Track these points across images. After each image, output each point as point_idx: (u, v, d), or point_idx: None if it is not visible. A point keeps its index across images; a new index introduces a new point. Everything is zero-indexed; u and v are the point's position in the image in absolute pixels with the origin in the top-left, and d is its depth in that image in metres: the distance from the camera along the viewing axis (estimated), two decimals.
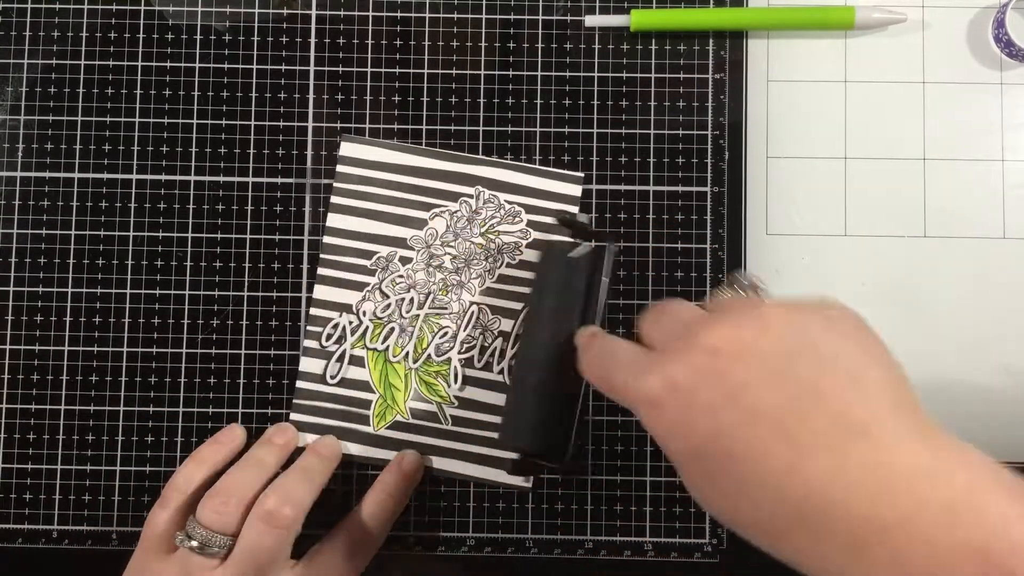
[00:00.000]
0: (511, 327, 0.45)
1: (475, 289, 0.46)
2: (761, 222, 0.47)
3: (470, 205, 0.46)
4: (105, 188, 0.47)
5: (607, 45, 0.47)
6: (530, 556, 0.46)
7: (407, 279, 0.46)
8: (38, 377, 0.46)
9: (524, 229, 0.46)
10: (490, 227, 0.46)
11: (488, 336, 0.45)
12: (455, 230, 0.46)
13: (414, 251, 0.46)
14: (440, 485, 0.46)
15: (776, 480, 0.27)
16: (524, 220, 0.46)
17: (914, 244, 0.47)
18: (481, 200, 0.46)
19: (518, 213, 0.46)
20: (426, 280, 0.46)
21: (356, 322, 0.45)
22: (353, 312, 0.45)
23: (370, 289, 0.46)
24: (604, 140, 0.47)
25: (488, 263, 0.46)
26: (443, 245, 0.46)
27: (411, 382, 0.45)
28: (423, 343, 0.45)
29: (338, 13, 0.47)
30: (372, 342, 0.45)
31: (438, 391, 0.45)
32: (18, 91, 0.47)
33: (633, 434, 0.46)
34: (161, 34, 0.47)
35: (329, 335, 0.45)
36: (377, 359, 0.45)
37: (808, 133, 0.47)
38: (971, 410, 0.47)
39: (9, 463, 0.46)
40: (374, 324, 0.45)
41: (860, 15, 0.47)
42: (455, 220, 0.46)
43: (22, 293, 0.47)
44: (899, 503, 0.25)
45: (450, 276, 0.46)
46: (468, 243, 0.46)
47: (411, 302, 0.45)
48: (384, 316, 0.45)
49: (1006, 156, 0.47)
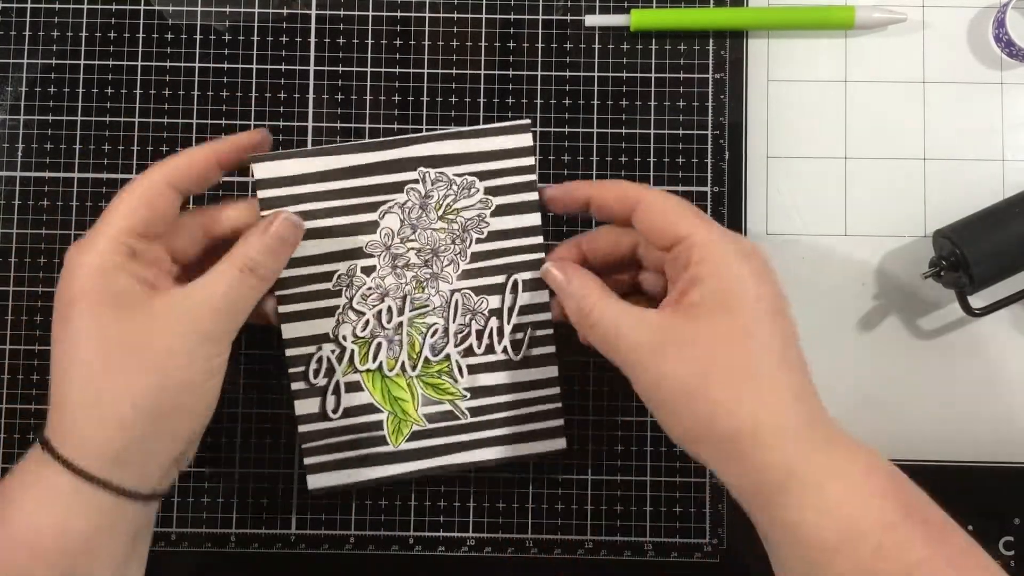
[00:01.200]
0: (499, 302, 0.43)
1: (451, 276, 0.42)
2: (761, 222, 0.47)
3: (419, 191, 0.42)
4: (105, 188, 0.47)
5: (607, 45, 0.47)
6: (530, 556, 0.46)
7: (377, 289, 0.42)
8: (38, 377, 0.46)
9: (483, 198, 0.42)
10: (447, 207, 0.42)
11: (479, 319, 0.43)
12: (411, 222, 0.42)
13: (374, 257, 0.42)
14: (440, 485, 0.46)
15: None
16: (480, 189, 0.42)
17: (914, 244, 0.47)
18: (429, 182, 0.42)
19: (472, 184, 0.42)
20: (397, 283, 0.42)
21: (338, 349, 0.42)
22: (331, 339, 0.42)
23: (341, 311, 0.42)
24: (604, 140, 0.47)
25: (456, 245, 0.42)
26: (403, 242, 0.42)
27: (416, 389, 0.43)
28: (415, 348, 0.43)
29: (338, 13, 0.47)
30: (362, 364, 0.42)
31: (447, 389, 0.43)
32: (18, 91, 0.47)
33: (633, 434, 0.46)
34: (161, 34, 0.47)
35: (315, 370, 0.42)
36: (374, 378, 0.43)
37: (808, 133, 0.47)
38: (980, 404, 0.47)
39: (9, 463, 0.46)
40: (358, 345, 0.42)
41: (860, 15, 0.47)
42: (407, 212, 0.42)
43: (22, 293, 0.47)
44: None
45: (421, 271, 0.42)
46: (429, 231, 0.42)
47: (389, 311, 0.42)
48: (365, 334, 0.42)
49: (1006, 156, 0.47)
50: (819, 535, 0.32)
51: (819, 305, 0.47)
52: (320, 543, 0.46)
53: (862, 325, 0.47)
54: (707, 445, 0.35)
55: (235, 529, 0.46)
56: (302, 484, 0.46)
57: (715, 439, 0.34)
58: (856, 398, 0.46)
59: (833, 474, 0.33)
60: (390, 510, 0.46)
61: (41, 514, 0.34)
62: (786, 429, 0.33)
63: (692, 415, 0.35)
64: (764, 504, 0.34)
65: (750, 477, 0.34)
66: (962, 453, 0.46)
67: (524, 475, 0.46)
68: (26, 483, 0.35)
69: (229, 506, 0.46)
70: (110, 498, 0.35)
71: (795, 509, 0.33)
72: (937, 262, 0.44)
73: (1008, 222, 0.43)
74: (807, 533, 0.32)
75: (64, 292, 0.36)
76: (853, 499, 0.32)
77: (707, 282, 0.35)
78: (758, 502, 0.34)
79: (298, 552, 0.46)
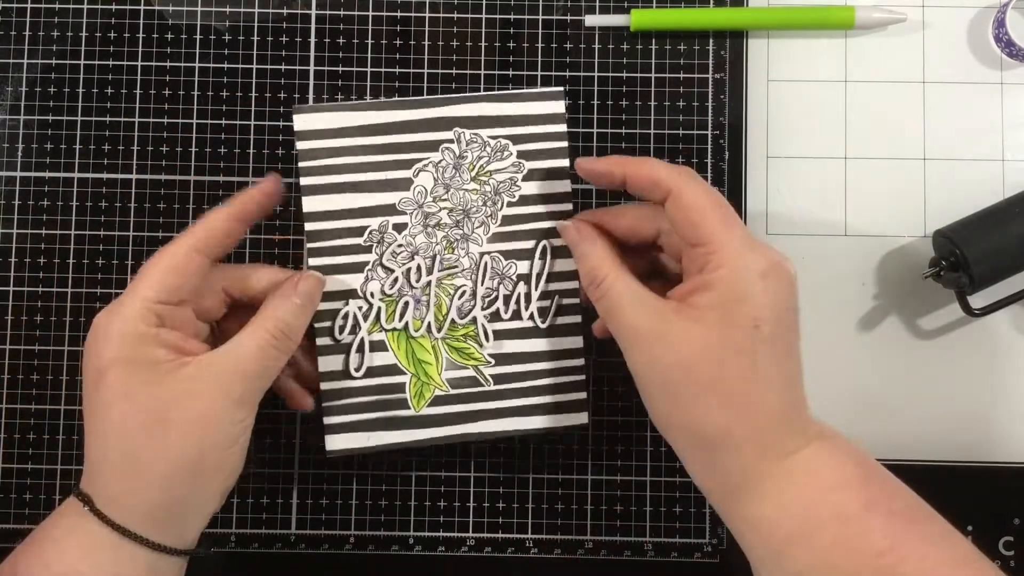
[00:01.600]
0: (528, 268, 0.43)
1: (481, 239, 0.43)
2: (761, 222, 0.47)
3: (453, 151, 0.42)
4: (105, 188, 0.47)
5: (607, 45, 0.47)
6: (530, 556, 0.46)
7: (407, 247, 0.42)
8: (38, 377, 0.46)
9: (516, 162, 0.43)
10: (480, 169, 0.43)
11: (507, 283, 0.43)
12: (444, 182, 0.43)
13: (407, 215, 0.42)
14: (440, 485, 0.46)
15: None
16: (513, 152, 0.43)
17: (914, 244, 0.47)
18: (463, 142, 0.43)
19: (505, 147, 0.43)
20: (427, 242, 0.42)
21: (366, 306, 0.42)
22: (360, 296, 0.42)
23: (371, 267, 0.42)
24: (604, 140, 0.47)
25: (488, 208, 0.43)
26: (436, 201, 0.43)
27: (441, 353, 0.43)
28: (442, 309, 0.43)
29: (338, 13, 0.47)
30: (388, 322, 0.42)
31: (471, 354, 0.43)
32: (18, 91, 0.47)
33: (633, 434, 0.46)
34: (161, 34, 0.47)
35: (341, 327, 0.42)
36: (399, 338, 0.43)
37: (808, 133, 0.47)
38: (980, 404, 0.47)
39: (9, 463, 0.46)
40: (385, 303, 0.42)
41: (860, 15, 0.46)
42: (441, 171, 0.42)
43: (22, 293, 0.47)
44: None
45: (452, 231, 0.43)
46: (461, 192, 0.43)
47: (418, 270, 0.42)
48: (393, 292, 0.42)
49: (1006, 156, 0.47)
50: (775, 529, 0.34)
51: (819, 305, 0.47)
52: (320, 543, 0.46)
53: (862, 325, 0.47)
54: (680, 437, 0.37)
55: (235, 529, 0.46)
56: (302, 484, 0.46)
57: (687, 434, 0.36)
58: (856, 398, 0.46)
59: (795, 471, 0.34)
60: (390, 510, 0.46)
61: (83, 563, 0.35)
62: (755, 442, 0.34)
63: (669, 406, 0.36)
64: (727, 499, 0.35)
65: (716, 479, 0.36)
66: (962, 453, 0.46)
67: (524, 475, 0.46)
68: (68, 529, 0.36)
69: (229, 506, 0.46)
70: (149, 554, 0.36)
71: (755, 504, 0.34)
72: (937, 262, 0.44)
73: (1008, 222, 0.43)
74: (766, 527, 0.34)
75: (93, 358, 0.36)
76: (811, 494, 0.34)
77: (715, 291, 0.35)
78: (722, 497, 0.36)
79: (298, 552, 0.46)
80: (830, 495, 0.34)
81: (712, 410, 0.35)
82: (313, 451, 0.46)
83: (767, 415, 0.35)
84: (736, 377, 0.35)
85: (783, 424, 0.35)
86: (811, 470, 0.34)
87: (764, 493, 0.34)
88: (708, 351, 0.35)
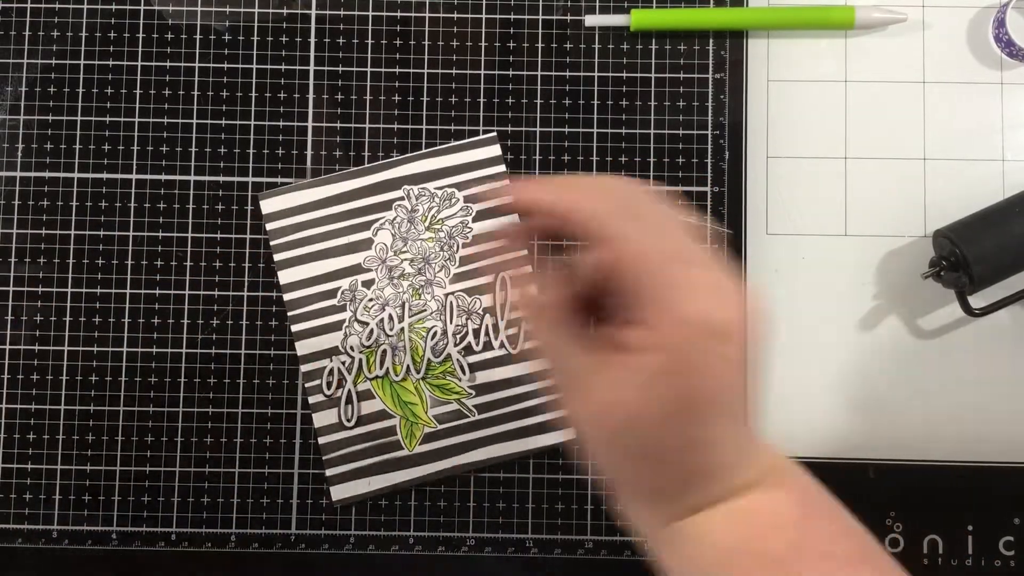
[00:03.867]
0: (491, 300, 0.46)
1: (444, 281, 0.46)
2: (761, 222, 0.47)
3: (406, 207, 0.46)
4: (105, 188, 0.47)
5: (607, 45, 0.47)
6: (530, 556, 0.46)
7: (377, 299, 0.46)
8: (38, 377, 0.46)
9: (464, 207, 0.47)
10: (432, 218, 0.47)
11: (475, 318, 0.46)
12: (402, 235, 0.46)
13: (372, 271, 0.46)
14: (440, 485, 0.46)
15: None
16: (460, 198, 0.47)
17: (914, 244, 0.47)
18: (414, 197, 0.47)
19: (451, 195, 0.47)
20: (395, 293, 0.46)
21: (348, 360, 0.46)
22: (341, 351, 0.46)
23: (347, 323, 0.46)
24: (604, 140, 0.47)
25: (445, 252, 0.46)
26: (396, 254, 0.46)
27: (424, 392, 0.46)
28: (418, 352, 0.46)
29: (338, 13, 0.47)
30: (371, 371, 0.46)
31: (452, 388, 0.46)
32: (18, 91, 0.47)
33: None
34: (161, 34, 0.47)
35: (328, 382, 0.46)
36: (383, 384, 0.46)
37: (808, 133, 0.47)
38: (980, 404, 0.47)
39: (9, 463, 0.46)
40: (366, 354, 0.46)
41: (860, 15, 0.46)
42: (397, 226, 0.46)
43: (22, 293, 0.47)
44: None
45: (415, 279, 0.46)
46: (419, 242, 0.46)
47: (390, 319, 0.46)
48: (371, 343, 0.46)
49: (1006, 156, 0.47)
50: (699, 562, 0.32)
51: (819, 305, 0.47)
52: (320, 543, 0.46)
53: (862, 325, 0.47)
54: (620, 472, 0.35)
55: (235, 529, 0.46)
56: (302, 484, 0.46)
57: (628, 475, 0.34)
58: (856, 398, 0.46)
59: (735, 510, 0.32)
60: (390, 510, 0.46)
61: None
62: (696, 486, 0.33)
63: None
64: (658, 533, 0.34)
65: (650, 516, 0.34)
66: (962, 453, 0.46)
67: (524, 475, 0.46)
68: None
69: (229, 506, 0.46)
70: None
71: (687, 544, 0.32)
72: (937, 262, 0.44)
73: (1008, 222, 0.43)
74: (689, 563, 0.32)
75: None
76: (742, 533, 0.32)
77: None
78: (654, 530, 0.34)
79: (298, 552, 0.46)
80: (757, 542, 0.32)
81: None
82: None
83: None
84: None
85: (724, 470, 0.32)
86: (751, 510, 0.32)
87: (698, 533, 0.32)
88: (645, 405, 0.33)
